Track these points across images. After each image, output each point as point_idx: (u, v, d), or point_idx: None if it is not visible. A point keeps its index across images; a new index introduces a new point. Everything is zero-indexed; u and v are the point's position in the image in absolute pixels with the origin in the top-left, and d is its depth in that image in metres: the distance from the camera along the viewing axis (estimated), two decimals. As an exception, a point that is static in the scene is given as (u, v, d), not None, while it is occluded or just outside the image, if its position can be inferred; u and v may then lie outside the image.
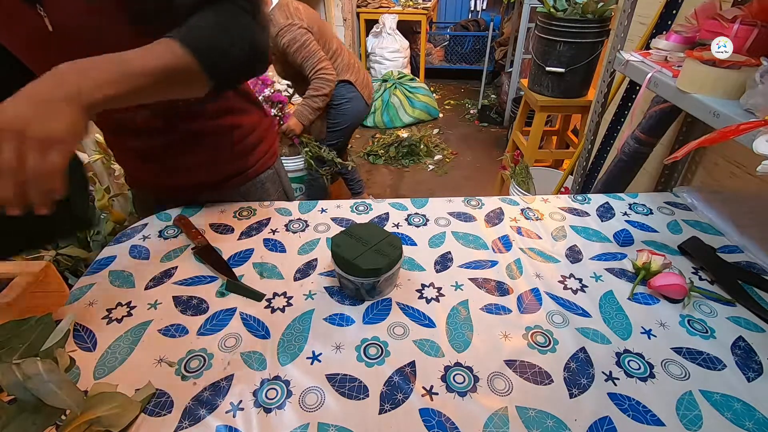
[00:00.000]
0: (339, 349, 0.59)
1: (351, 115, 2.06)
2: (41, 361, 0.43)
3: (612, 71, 1.26)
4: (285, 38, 1.72)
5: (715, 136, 0.65)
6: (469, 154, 3.34)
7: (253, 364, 0.57)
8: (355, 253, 0.64)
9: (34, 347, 0.44)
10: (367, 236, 0.67)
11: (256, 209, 0.88)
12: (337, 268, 0.65)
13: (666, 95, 0.90)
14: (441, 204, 0.91)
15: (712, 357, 0.58)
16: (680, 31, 0.99)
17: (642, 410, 0.51)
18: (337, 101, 2.00)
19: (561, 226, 0.85)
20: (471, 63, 4.85)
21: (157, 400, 0.52)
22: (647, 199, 0.94)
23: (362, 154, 3.16)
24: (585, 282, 0.71)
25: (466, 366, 0.56)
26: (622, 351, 0.58)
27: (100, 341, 0.60)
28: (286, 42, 1.72)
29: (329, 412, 0.51)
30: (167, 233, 0.82)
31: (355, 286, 0.65)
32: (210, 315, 0.64)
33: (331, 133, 2.09)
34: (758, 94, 0.67)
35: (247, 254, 0.76)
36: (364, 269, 0.62)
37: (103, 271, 0.72)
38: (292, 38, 1.72)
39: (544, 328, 0.62)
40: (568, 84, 2.12)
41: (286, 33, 1.71)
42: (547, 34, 2.04)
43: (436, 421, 0.50)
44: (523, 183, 2.04)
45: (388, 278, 0.65)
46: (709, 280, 0.72)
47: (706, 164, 1.26)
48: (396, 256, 0.65)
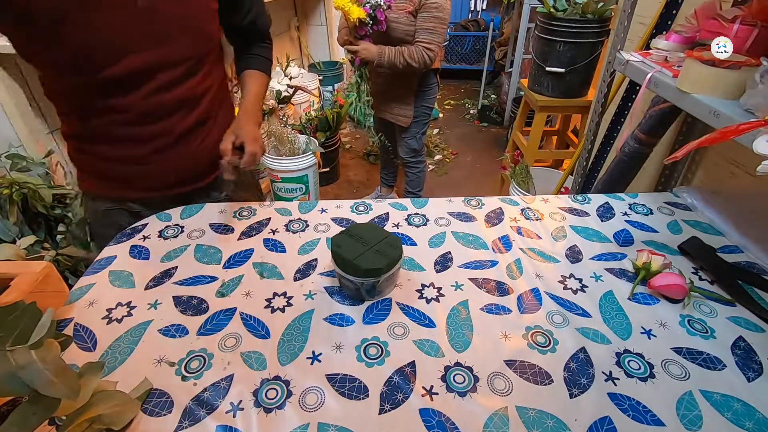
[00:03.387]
0: (339, 349, 0.59)
1: (433, 104, 2.03)
2: (35, 351, 0.43)
3: (612, 71, 1.26)
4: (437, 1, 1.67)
5: (715, 136, 0.65)
6: (469, 154, 3.33)
7: (253, 364, 0.57)
8: (355, 253, 0.64)
9: (23, 335, 0.44)
10: (367, 236, 0.67)
11: (256, 209, 0.88)
12: (337, 268, 0.65)
13: (666, 95, 0.90)
14: (441, 204, 0.91)
15: (712, 357, 0.58)
16: (680, 31, 0.99)
17: (642, 410, 0.51)
18: (427, 88, 1.95)
19: (561, 226, 0.84)
20: (471, 63, 4.84)
21: (157, 400, 0.52)
22: (647, 199, 0.94)
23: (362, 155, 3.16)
24: (585, 282, 0.71)
25: (466, 366, 0.56)
26: (622, 351, 0.58)
27: (100, 341, 0.60)
28: (435, 3, 1.67)
29: (329, 412, 0.51)
30: (167, 233, 0.82)
31: (355, 286, 0.65)
32: (210, 315, 0.64)
33: (416, 123, 2.03)
34: (758, 94, 0.67)
35: (247, 254, 0.76)
36: (364, 269, 0.62)
37: (103, 271, 0.72)
38: (441, 5, 1.67)
39: (544, 328, 0.62)
40: (568, 84, 2.12)
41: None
42: (547, 34, 2.04)
43: (436, 421, 0.50)
44: (523, 183, 2.04)
45: (388, 278, 0.65)
46: (709, 280, 0.72)
47: (706, 164, 1.26)
48: (396, 256, 0.65)
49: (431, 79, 1.96)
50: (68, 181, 1.41)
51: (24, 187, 1.18)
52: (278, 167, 2.21)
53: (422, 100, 1.98)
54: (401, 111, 1.99)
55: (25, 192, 1.18)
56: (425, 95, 1.98)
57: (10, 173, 1.21)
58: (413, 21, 1.72)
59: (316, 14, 3.47)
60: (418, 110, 2.00)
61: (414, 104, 1.97)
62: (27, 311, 0.45)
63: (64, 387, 0.43)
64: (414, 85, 1.92)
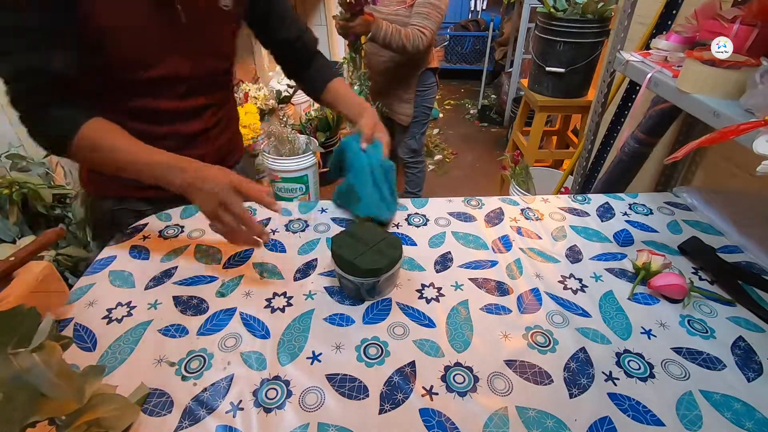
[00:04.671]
0: (339, 349, 0.59)
1: (432, 103, 2.03)
2: (37, 353, 0.43)
3: (612, 71, 1.26)
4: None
5: (715, 136, 0.65)
6: (469, 154, 3.33)
7: (253, 364, 0.57)
8: (356, 253, 0.64)
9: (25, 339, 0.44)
10: (367, 236, 0.67)
11: (256, 209, 0.88)
12: (337, 268, 0.65)
13: (666, 95, 0.90)
14: (441, 204, 0.91)
15: (712, 357, 0.58)
16: (680, 31, 0.99)
17: (642, 410, 0.51)
18: (426, 87, 1.95)
19: (561, 226, 0.84)
20: (471, 63, 4.84)
21: (157, 400, 0.52)
22: (647, 199, 0.94)
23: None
24: (585, 282, 0.71)
25: (466, 366, 0.56)
26: (622, 351, 0.58)
27: (100, 341, 0.60)
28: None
29: (329, 412, 0.51)
30: (167, 233, 0.82)
31: (355, 286, 0.65)
32: (210, 315, 0.64)
33: (416, 124, 2.03)
34: (758, 94, 0.67)
35: (247, 254, 0.76)
36: (363, 269, 0.62)
37: (103, 271, 0.72)
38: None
39: (544, 328, 0.62)
40: (568, 84, 2.12)
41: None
42: (547, 34, 2.05)
43: (436, 421, 0.50)
44: (523, 183, 2.04)
45: (388, 278, 0.65)
46: (709, 280, 0.72)
47: (706, 164, 1.26)
48: (396, 256, 0.65)
49: (430, 78, 1.96)
50: (68, 181, 1.41)
51: (24, 187, 1.17)
52: (278, 167, 2.21)
53: (422, 100, 1.98)
54: (401, 109, 1.99)
55: (25, 192, 1.18)
56: (424, 94, 1.98)
57: (10, 173, 1.21)
58: (411, 14, 1.72)
59: (317, 14, 3.47)
60: (417, 110, 1.99)
61: (414, 102, 1.97)
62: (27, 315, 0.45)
63: (68, 389, 0.43)
64: (413, 83, 1.92)
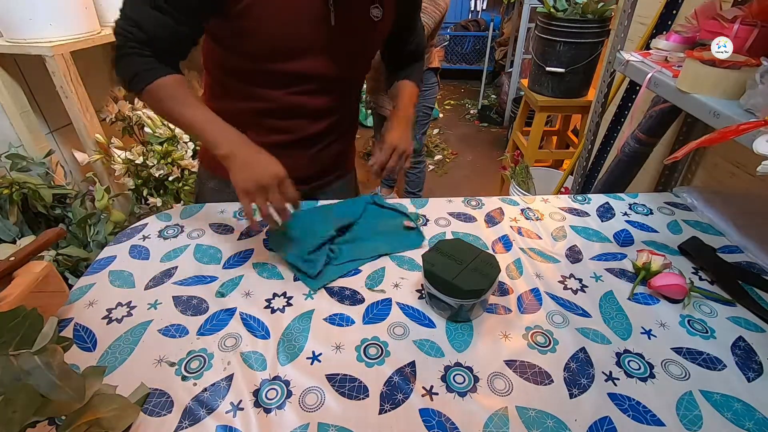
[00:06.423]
0: (339, 349, 0.59)
1: (433, 103, 2.05)
2: (38, 355, 0.43)
3: (612, 71, 1.26)
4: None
5: (715, 136, 0.65)
6: (469, 154, 3.33)
7: (253, 364, 0.57)
8: (453, 273, 0.60)
9: (26, 341, 0.44)
10: (458, 253, 0.64)
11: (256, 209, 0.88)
12: (431, 288, 0.62)
13: (666, 95, 0.90)
14: (441, 204, 0.91)
15: (712, 357, 0.58)
16: (680, 31, 0.99)
17: (642, 410, 0.51)
18: (427, 87, 1.98)
19: (561, 226, 0.84)
20: (471, 63, 4.84)
21: (157, 401, 0.52)
22: (647, 199, 0.94)
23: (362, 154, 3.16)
24: (585, 282, 0.71)
25: (466, 366, 0.56)
26: (622, 351, 0.58)
27: (100, 341, 0.60)
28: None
29: (329, 412, 0.51)
30: (167, 233, 0.82)
31: (453, 308, 0.61)
32: (210, 315, 0.64)
33: (416, 124, 2.05)
34: (758, 94, 0.67)
35: (247, 254, 0.76)
36: (465, 290, 0.58)
37: (103, 271, 0.72)
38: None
39: (544, 328, 0.62)
40: (568, 84, 2.12)
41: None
42: (547, 34, 2.04)
43: (436, 421, 0.50)
44: (523, 183, 2.04)
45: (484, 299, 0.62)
46: (709, 280, 0.72)
47: (706, 164, 1.26)
48: (494, 275, 0.61)
49: (431, 78, 1.96)
50: (68, 181, 1.41)
51: (24, 187, 1.17)
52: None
53: (423, 100, 1.98)
54: None
55: (25, 192, 1.18)
56: (426, 94, 1.98)
57: (10, 173, 1.21)
58: None
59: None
60: (418, 110, 2.00)
61: None
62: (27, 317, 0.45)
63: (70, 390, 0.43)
64: None
